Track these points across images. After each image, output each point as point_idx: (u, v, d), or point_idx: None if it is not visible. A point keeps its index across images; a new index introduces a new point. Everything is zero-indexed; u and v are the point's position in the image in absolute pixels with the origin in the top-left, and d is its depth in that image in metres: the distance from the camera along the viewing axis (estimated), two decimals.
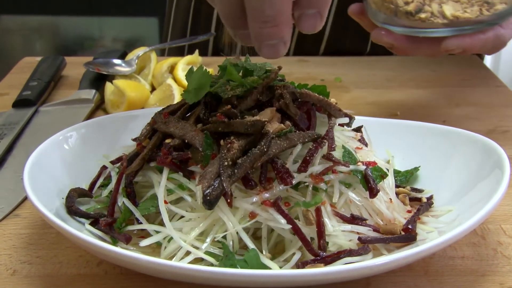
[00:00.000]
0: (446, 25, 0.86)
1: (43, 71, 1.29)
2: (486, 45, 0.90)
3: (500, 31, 0.90)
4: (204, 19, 1.49)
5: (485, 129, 1.07)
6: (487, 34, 0.89)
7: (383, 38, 0.91)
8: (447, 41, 0.88)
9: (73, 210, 0.75)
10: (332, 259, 0.67)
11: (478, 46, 0.89)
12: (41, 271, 0.71)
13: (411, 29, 0.88)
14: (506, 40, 0.91)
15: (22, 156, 0.96)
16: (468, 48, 0.89)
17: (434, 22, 0.86)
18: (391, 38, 0.91)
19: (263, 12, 0.60)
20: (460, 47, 0.88)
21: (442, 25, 0.86)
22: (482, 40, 0.89)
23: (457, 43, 0.88)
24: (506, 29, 0.91)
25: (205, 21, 1.49)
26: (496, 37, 0.90)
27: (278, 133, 0.72)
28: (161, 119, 0.78)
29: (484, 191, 0.73)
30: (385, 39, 0.91)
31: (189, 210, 0.71)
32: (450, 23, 0.86)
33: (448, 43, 0.88)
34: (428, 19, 0.86)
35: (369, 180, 0.73)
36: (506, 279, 0.70)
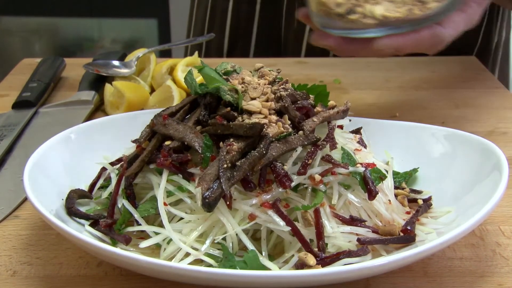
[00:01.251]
0: (377, 25, 0.85)
1: (43, 73, 1.29)
2: (421, 44, 0.88)
3: (438, 30, 0.88)
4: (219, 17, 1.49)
5: (484, 131, 1.08)
6: (422, 33, 0.87)
7: (319, 40, 0.90)
8: (378, 41, 0.86)
9: (73, 211, 0.75)
10: (331, 260, 0.67)
11: (411, 45, 0.87)
12: (41, 272, 0.71)
13: (346, 31, 0.87)
14: (445, 38, 0.89)
15: (21, 157, 0.96)
16: (401, 47, 0.87)
17: (366, 22, 0.84)
18: (328, 41, 0.90)
19: None
20: (391, 47, 0.86)
21: (374, 25, 0.85)
22: (416, 39, 0.86)
23: (387, 43, 0.86)
24: (446, 28, 0.88)
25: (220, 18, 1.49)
26: (432, 36, 0.87)
27: (278, 137, 0.72)
28: (160, 121, 0.78)
29: (483, 192, 0.74)
30: (323, 42, 0.90)
31: (188, 211, 0.71)
32: (381, 23, 0.84)
33: (378, 42, 0.86)
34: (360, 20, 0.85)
35: (368, 182, 0.73)
36: (505, 280, 0.70)
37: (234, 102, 0.75)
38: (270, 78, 0.80)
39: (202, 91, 0.78)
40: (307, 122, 0.76)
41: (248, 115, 0.74)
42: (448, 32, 0.88)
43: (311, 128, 0.75)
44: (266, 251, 0.69)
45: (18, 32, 3.58)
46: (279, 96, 0.76)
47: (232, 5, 1.47)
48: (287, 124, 0.75)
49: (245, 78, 0.79)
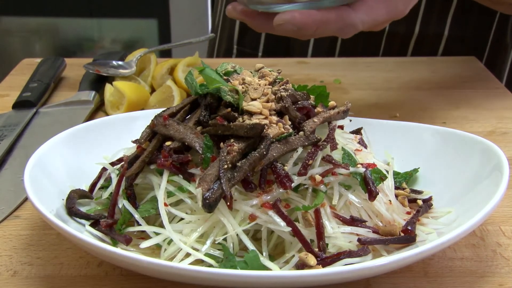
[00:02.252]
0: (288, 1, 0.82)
1: (43, 73, 1.29)
2: (326, 25, 0.82)
3: (347, 12, 0.82)
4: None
5: (484, 131, 1.08)
6: (327, 13, 0.82)
7: (233, 13, 0.89)
8: (277, 16, 0.82)
9: (74, 211, 0.75)
10: (332, 260, 0.67)
11: (314, 24, 0.81)
12: (42, 272, 0.71)
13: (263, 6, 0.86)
14: (356, 23, 0.83)
15: (22, 157, 0.96)
16: (301, 25, 0.81)
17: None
18: (241, 14, 0.88)
19: None
20: (290, 23, 0.81)
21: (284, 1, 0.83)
22: (318, 18, 0.81)
23: (286, 18, 0.81)
24: (357, 12, 0.83)
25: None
26: (339, 18, 0.82)
27: (278, 137, 0.72)
28: (161, 121, 0.78)
29: (483, 193, 0.74)
30: (236, 14, 0.89)
31: (189, 212, 0.71)
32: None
33: (277, 17, 0.82)
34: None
35: (368, 183, 0.73)
36: (505, 280, 0.70)
37: (234, 102, 0.75)
38: (270, 78, 0.80)
39: (203, 91, 0.78)
40: (308, 123, 0.76)
41: (249, 115, 0.74)
42: (358, 16, 0.83)
43: (311, 129, 0.75)
44: (266, 251, 0.69)
45: (18, 32, 3.58)
46: (280, 96, 0.76)
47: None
48: (287, 125, 0.75)
49: (246, 79, 0.79)
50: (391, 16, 0.86)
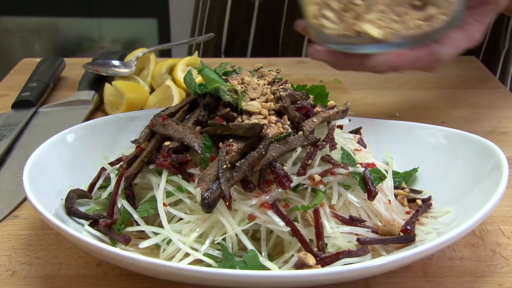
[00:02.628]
0: (373, 42, 0.83)
1: (43, 72, 1.29)
2: (418, 63, 0.85)
3: (435, 48, 0.85)
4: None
5: (484, 131, 1.07)
6: (419, 51, 0.84)
7: (316, 54, 0.89)
8: (373, 59, 0.84)
9: (73, 211, 0.75)
10: (331, 260, 0.67)
11: (408, 64, 0.84)
12: (41, 272, 0.71)
13: (342, 46, 0.86)
14: (443, 57, 0.86)
15: (21, 157, 0.96)
16: (396, 65, 0.84)
17: (363, 39, 0.82)
18: (324, 56, 0.88)
19: None
20: (386, 65, 0.84)
21: (369, 41, 0.83)
22: (413, 57, 0.84)
23: (382, 61, 0.83)
24: (444, 47, 0.86)
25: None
26: (430, 55, 0.85)
27: (277, 137, 0.72)
28: (160, 121, 0.78)
29: (482, 192, 0.74)
30: (318, 56, 0.89)
31: (188, 212, 0.71)
32: (376, 39, 0.82)
33: (373, 60, 0.84)
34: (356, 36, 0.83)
35: (367, 182, 0.73)
36: (505, 280, 0.70)
37: (233, 102, 0.75)
38: (269, 78, 0.80)
39: (202, 91, 0.78)
40: (307, 123, 0.76)
41: (248, 115, 0.74)
42: (446, 50, 0.86)
43: (310, 129, 0.75)
44: (265, 251, 0.69)
45: (18, 32, 3.58)
46: (279, 96, 0.76)
47: (230, 5, 1.47)
48: (286, 125, 0.75)
49: (245, 79, 0.79)
50: (469, 45, 0.90)
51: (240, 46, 1.51)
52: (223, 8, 1.48)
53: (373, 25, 0.81)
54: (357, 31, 0.82)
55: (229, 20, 1.48)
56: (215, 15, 1.51)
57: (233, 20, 1.48)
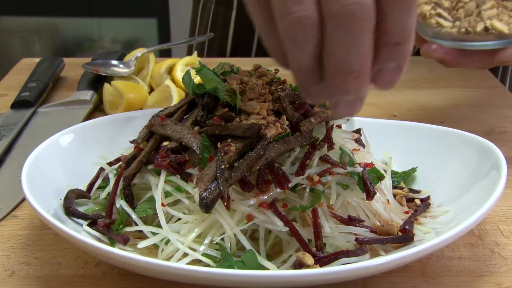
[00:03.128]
0: (499, 37, 0.84)
1: (42, 72, 1.29)
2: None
3: None
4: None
5: (483, 130, 1.08)
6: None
7: (433, 53, 0.90)
8: (501, 53, 0.86)
9: (71, 211, 0.75)
10: (329, 259, 0.67)
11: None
12: (39, 272, 0.71)
13: (461, 43, 0.87)
14: None
15: (20, 157, 0.96)
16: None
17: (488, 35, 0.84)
18: (441, 53, 0.89)
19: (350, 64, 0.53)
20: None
21: (495, 37, 0.84)
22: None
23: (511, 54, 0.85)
24: None
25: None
26: None
27: (276, 137, 0.72)
28: (158, 121, 0.78)
29: (481, 192, 0.74)
30: (435, 54, 0.89)
31: (186, 212, 0.71)
32: (501, 35, 0.84)
33: (502, 55, 0.86)
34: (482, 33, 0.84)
35: (366, 182, 0.73)
36: (504, 279, 0.70)
37: (232, 102, 0.75)
38: (268, 78, 0.80)
39: (200, 91, 0.78)
40: (304, 123, 0.76)
41: (246, 115, 0.74)
42: None
43: (308, 129, 0.75)
44: (264, 251, 0.69)
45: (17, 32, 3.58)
46: (277, 96, 0.76)
47: (235, 14, 1.47)
48: (285, 125, 0.75)
49: (243, 79, 0.79)
50: None
51: (245, 48, 1.50)
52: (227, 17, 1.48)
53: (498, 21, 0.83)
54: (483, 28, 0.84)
55: (235, 23, 1.48)
56: (218, 23, 1.50)
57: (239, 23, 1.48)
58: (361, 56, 0.53)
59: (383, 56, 0.55)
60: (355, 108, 0.57)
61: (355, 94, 0.56)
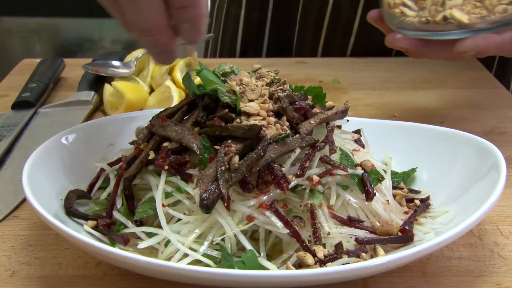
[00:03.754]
0: (459, 27, 0.84)
1: (42, 73, 1.29)
2: (503, 48, 0.86)
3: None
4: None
5: (482, 131, 1.08)
6: (504, 35, 0.85)
7: (396, 42, 0.89)
8: (460, 44, 0.85)
9: (72, 211, 0.75)
10: (329, 259, 0.67)
11: (494, 48, 0.86)
12: (40, 272, 0.71)
13: (425, 33, 0.87)
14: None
15: (21, 157, 0.96)
16: (483, 50, 0.85)
17: (448, 25, 0.84)
18: (404, 43, 0.89)
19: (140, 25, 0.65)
20: (473, 49, 0.85)
21: (456, 27, 0.84)
22: (498, 41, 0.85)
23: (470, 45, 0.85)
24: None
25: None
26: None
27: (276, 138, 0.72)
28: (158, 122, 0.78)
29: (481, 192, 0.74)
30: (399, 44, 0.89)
31: (187, 213, 0.71)
32: (463, 25, 0.84)
33: (461, 45, 0.85)
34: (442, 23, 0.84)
35: (366, 184, 0.73)
36: (503, 279, 0.70)
37: (232, 103, 0.75)
38: (268, 79, 0.80)
39: (200, 92, 0.78)
40: (303, 125, 0.76)
41: (246, 116, 0.74)
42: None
43: (307, 131, 0.75)
44: (264, 251, 0.69)
45: (18, 32, 3.58)
46: (277, 97, 0.76)
47: (244, 12, 1.47)
48: (285, 126, 0.75)
49: (243, 80, 0.79)
50: None
51: (254, 52, 1.51)
52: (237, 15, 1.48)
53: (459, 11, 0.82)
54: (442, 17, 0.83)
55: (244, 24, 1.48)
56: (229, 22, 1.50)
57: (247, 27, 1.48)
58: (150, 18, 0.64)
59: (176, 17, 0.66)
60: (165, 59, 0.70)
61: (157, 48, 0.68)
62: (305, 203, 0.70)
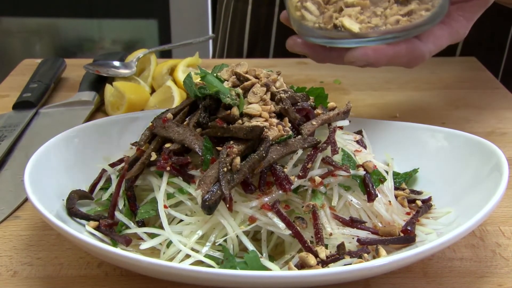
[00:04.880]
0: (352, 36, 0.81)
1: (43, 73, 1.29)
2: (397, 59, 0.83)
3: (416, 44, 0.83)
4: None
5: (484, 131, 1.08)
6: (398, 47, 0.82)
7: (295, 47, 0.88)
8: (349, 53, 0.82)
9: (74, 211, 0.75)
10: (331, 260, 0.67)
11: (386, 59, 0.82)
12: (42, 273, 0.71)
13: (321, 40, 0.84)
14: (424, 54, 0.84)
15: (22, 158, 0.96)
16: (374, 61, 0.81)
17: (341, 33, 0.81)
18: (302, 47, 0.87)
19: None
20: (362, 60, 0.82)
21: (349, 35, 0.81)
22: (389, 54, 0.81)
23: (358, 55, 0.81)
24: (425, 43, 0.84)
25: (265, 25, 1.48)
26: (409, 51, 0.83)
27: (278, 140, 0.72)
28: (160, 123, 0.78)
29: (482, 193, 0.74)
30: (297, 49, 0.88)
31: (189, 214, 0.71)
32: (354, 34, 0.80)
33: (350, 54, 0.82)
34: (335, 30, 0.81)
35: (368, 185, 0.73)
36: (505, 280, 0.70)
37: (234, 105, 0.75)
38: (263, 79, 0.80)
39: (202, 94, 0.78)
40: (305, 126, 0.76)
41: (248, 118, 0.74)
42: (427, 47, 0.84)
43: (309, 132, 0.75)
44: (266, 252, 0.69)
45: (18, 32, 3.58)
46: (279, 98, 0.76)
47: (251, 8, 1.47)
48: (287, 127, 0.75)
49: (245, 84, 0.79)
50: (453, 41, 0.88)
51: (262, 48, 1.50)
52: (244, 12, 1.48)
53: (353, 19, 0.80)
54: (333, 25, 0.81)
55: (251, 19, 1.48)
56: (237, 18, 1.50)
57: (255, 23, 1.48)
58: None
59: None
60: None
61: None
62: (307, 204, 0.70)
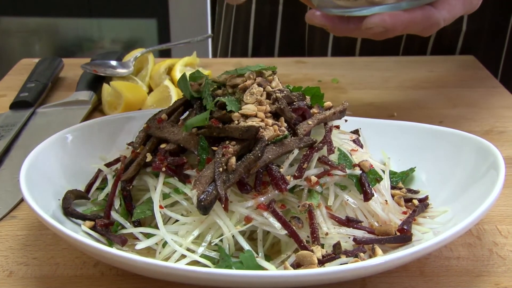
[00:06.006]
0: (370, 3, 0.83)
1: (41, 73, 1.29)
2: (413, 26, 0.85)
3: (431, 12, 0.85)
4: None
5: (481, 130, 1.08)
6: (414, 14, 0.84)
7: (314, 19, 0.89)
8: (367, 20, 0.84)
9: (70, 211, 0.75)
10: (327, 259, 0.67)
11: (402, 26, 0.84)
12: (38, 273, 0.71)
13: (341, 10, 0.86)
14: (439, 21, 0.86)
15: (19, 157, 0.96)
16: (390, 27, 0.84)
17: (359, 1, 0.83)
18: (321, 20, 0.88)
19: None
20: (379, 26, 0.83)
21: (366, 3, 0.83)
22: (407, 19, 0.84)
23: (376, 21, 0.83)
24: (440, 10, 0.86)
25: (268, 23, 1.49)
26: (425, 18, 0.85)
27: (274, 139, 0.72)
28: (155, 124, 0.78)
29: (479, 192, 0.74)
30: (317, 21, 0.89)
31: (185, 214, 0.71)
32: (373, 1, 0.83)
33: (368, 21, 0.84)
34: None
35: (364, 184, 0.73)
36: (502, 279, 0.70)
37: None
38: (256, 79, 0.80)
39: (198, 95, 0.78)
40: (301, 126, 0.76)
41: (244, 118, 0.74)
42: (442, 14, 0.86)
43: (305, 132, 0.75)
44: (262, 252, 0.69)
45: (17, 32, 3.58)
46: (275, 98, 0.76)
47: (255, 6, 1.47)
48: (283, 127, 0.74)
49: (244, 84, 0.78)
50: (466, 11, 0.90)
51: (267, 46, 1.50)
52: (248, 10, 1.48)
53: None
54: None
55: (255, 18, 1.48)
56: (241, 17, 1.50)
57: (259, 21, 1.48)
58: None
59: None
60: None
61: None
62: (303, 204, 0.70)
